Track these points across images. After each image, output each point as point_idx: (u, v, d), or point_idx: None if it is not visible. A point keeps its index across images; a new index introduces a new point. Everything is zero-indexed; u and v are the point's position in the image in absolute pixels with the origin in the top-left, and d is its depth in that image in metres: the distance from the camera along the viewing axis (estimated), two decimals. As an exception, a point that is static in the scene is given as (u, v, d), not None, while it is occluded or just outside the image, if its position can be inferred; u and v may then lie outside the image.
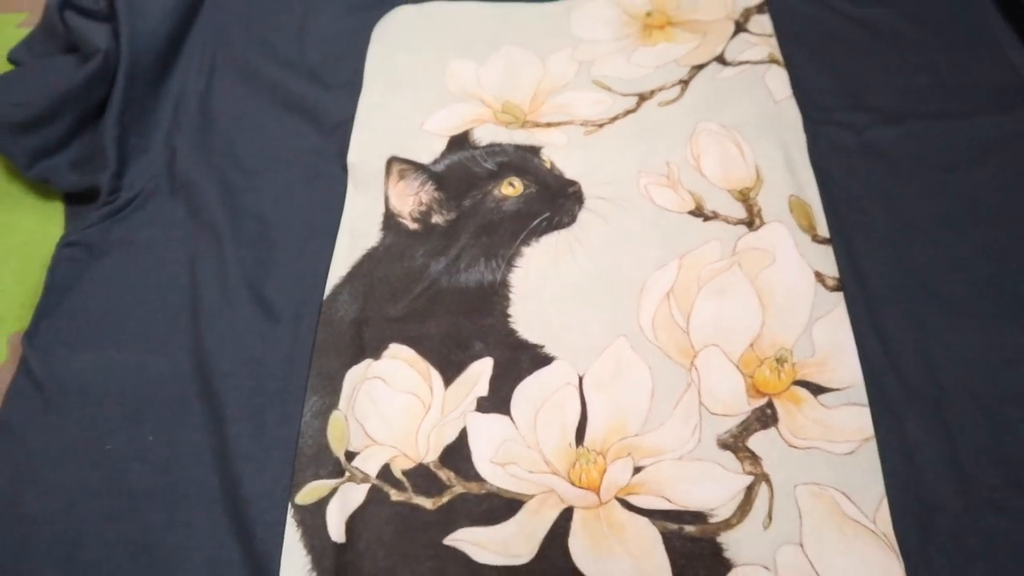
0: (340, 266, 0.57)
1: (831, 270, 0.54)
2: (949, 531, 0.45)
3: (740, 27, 0.67)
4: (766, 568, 0.45)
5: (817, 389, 0.50)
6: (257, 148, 0.64)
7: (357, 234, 0.59)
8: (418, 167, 0.62)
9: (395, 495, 0.48)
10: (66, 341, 0.56)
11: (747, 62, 0.65)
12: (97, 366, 0.55)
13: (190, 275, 0.58)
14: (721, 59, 0.66)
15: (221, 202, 0.61)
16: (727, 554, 0.45)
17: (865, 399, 0.49)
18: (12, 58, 0.70)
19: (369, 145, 0.63)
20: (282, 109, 0.67)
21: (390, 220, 0.59)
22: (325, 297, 0.56)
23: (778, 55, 0.65)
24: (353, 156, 0.62)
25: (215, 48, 0.70)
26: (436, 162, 0.62)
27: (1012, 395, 0.49)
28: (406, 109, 0.65)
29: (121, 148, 0.63)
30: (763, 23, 0.67)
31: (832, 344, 0.51)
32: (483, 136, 0.63)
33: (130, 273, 0.59)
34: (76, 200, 0.66)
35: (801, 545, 0.45)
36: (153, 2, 0.68)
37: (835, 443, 0.48)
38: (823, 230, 0.56)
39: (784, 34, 0.67)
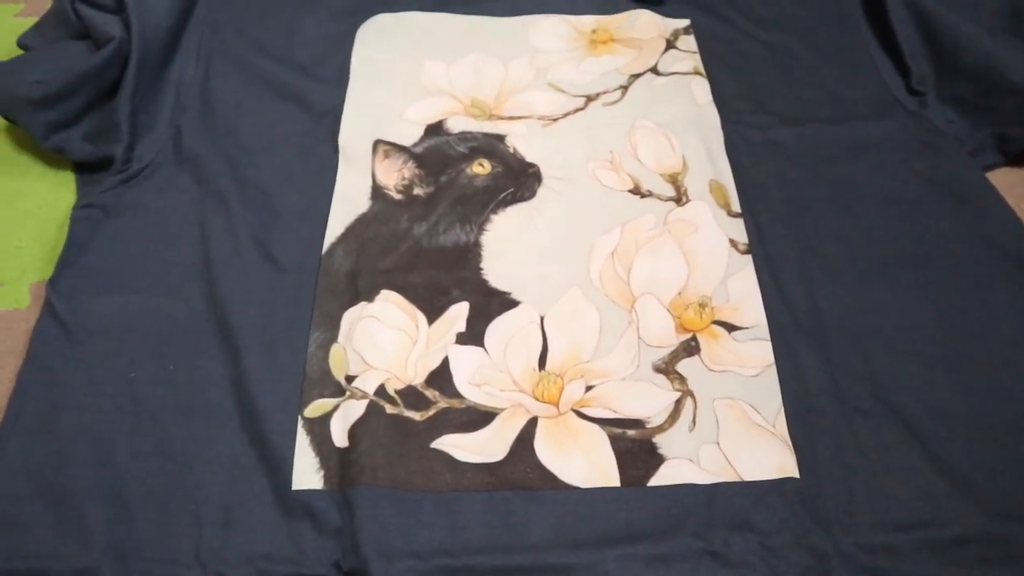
0: (336, 227, 0.66)
1: (742, 237, 0.66)
2: (828, 431, 0.57)
3: (670, 44, 0.80)
4: (691, 460, 0.56)
5: (730, 327, 0.61)
6: (255, 130, 0.73)
7: (349, 202, 0.68)
8: (401, 148, 0.72)
9: (389, 409, 0.58)
10: (87, 288, 0.63)
11: (676, 73, 0.77)
12: (117, 308, 0.62)
13: (200, 233, 0.66)
14: (655, 70, 0.78)
15: (226, 174, 0.69)
16: (660, 451, 0.56)
17: (767, 335, 0.61)
18: (22, 43, 0.77)
19: (357, 129, 0.72)
20: (276, 97, 0.75)
21: (377, 191, 0.69)
22: (324, 252, 0.65)
23: (701, 68, 0.78)
24: (343, 139, 0.72)
25: (211, 43, 0.79)
26: (416, 145, 0.72)
27: (875, 332, 0.61)
28: (388, 100, 0.75)
29: (132, 124, 0.71)
30: (689, 42, 0.80)
31: (742, 293, 0.63)
32: (455, 125, 0.73)
33: (144, 231, 0.67)
34: (86, 169, 0.73)
35: (718, 444, 0.56)
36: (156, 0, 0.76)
37: (744, 368, 0.60)
38: (736, 207, 0.68)
39: (706, 51, 0.79)
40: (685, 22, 0.81)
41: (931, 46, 0.75)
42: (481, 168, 0.70)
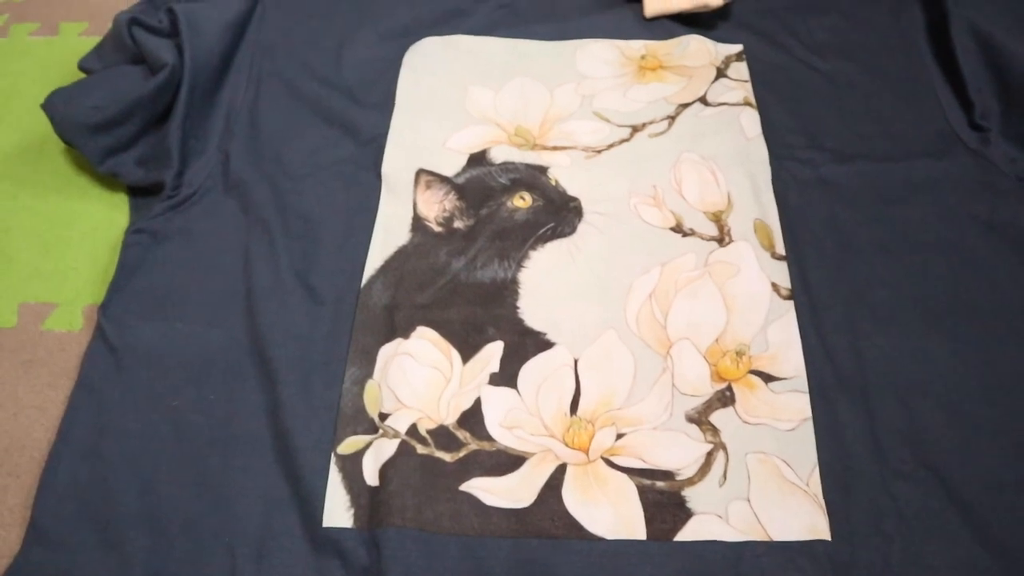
0: (375, 260, 0.67)
1: (785, 282, 0.65)
2: (866, 494, 0.55)
3: (721, 72, 0.78)
4: (719, 516, 0.55)
5: (768, 378, 0.60)
6: (300, 156, 0.74)
7: (389, 233, 0.68)
8: (443, 179, 0.72)
9: (420, 449, 0.58)
10: (135, 313, 0.65)
11: (725, 103, 0.75)
12: (163, 335, 0.64)
13: (243, 261, 0.67)
14: (704, 100, 0.76)
15: (270, 201, 0.70)
16: (689, 505, 0.55)
17: (806, 387, 0.59)
18: (83, 66, 0.79)
19: (400, 158, 0.73)
20: (323, 122, 0.76)
21: (418, 223, 0.69)
22: (362, 285, 0.65)
23: (752, 99, 0.75)
24: (387, 167, 0.72)
25: (260, 66, 0.80)
26: (458, 175, 0.72)
27: (921, 389, 0.59)
28: (432, 128, 0.75)
29: (183, 150, 0.72)
30: (741, 70, 0.78)
31: (782, 342, 0.61)
32: (498, 155, 0.73)
33: (190, 257, 0.68)
34: (139, 193, 0.75)
35: (748, 500, 0.55)
36: (209, 24, 0.77)
37: (780, 421, 0.58)
38: (780, 249, 0.66)
39: (758, 80, 0.77)
40: (738, 48, 0.79)
41: (998, 79, 0.72)
42: (522, 201, 0.69)
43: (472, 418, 0.59)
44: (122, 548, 0.55)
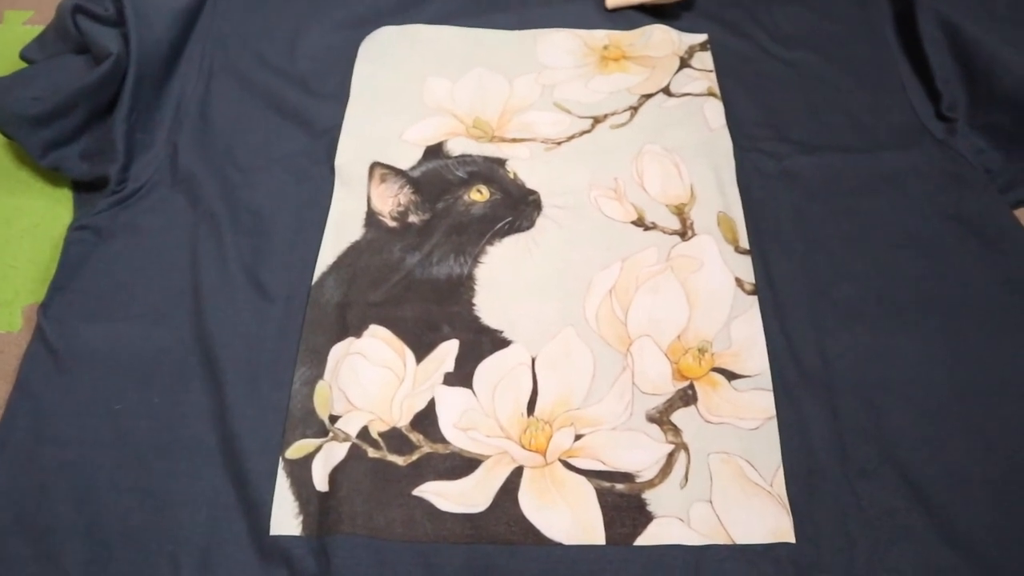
0: (327, 256, 0.64)
1: (749, 277, 0.63)
2: (830, 493, 0.54)
3: (684, 63, 0.76)
4: (681, 520, 0.53)
5: (731, 375, 0.59)
6: (252, 148, 0.71)
7: (342, 229, 0.66)
8: (398, 172, 0.69)
9: (372, 453, 0.56)
10: (78, 313, 0.62)
11: (689, 94, 0.74)
12: (106, 335, 0.61)
13: (191, 258, 0.65)
14: (667, 90, 0.74)
15: (220, 196, 0.68)
16: (649, 508, 0.54)
17: (770, 385, 0.58)
18: (24, 56, 0.76)
19: (354, 151, 0.70)
20: (275, 114, 0.73)
21: (372, 218, 0.67)
22: (313, 282, 0.63)
23: (716, 89, 0.74)
24: (340, 160, 0.70)
25: (213, 56, 0.77)
26: (413, 168, 0.70)
27: (886, 386, 0.57)
28: (387, 120, 0.72)
29: (128, 143, 0.70)
30: (705, 59, 0.76)
31: (746, 339, 0.60)
32: (455, 147, 0.71)
33: (136, 254, 0.65)
34: (83, 187, 0.71)
35: (711, 502, 0.54)
36: (158, 12, 0.74)
37: (743, 420, 0.57)
38: (744, 243, 0.65)
39: (723, 70, 0.75)
40: (702, 37, 0.77)
41: (965, 69, 0.71)
42: (479, 195, 0.67)
43: (426, 420, 0.57)
44: (60, 559, 0.52)
